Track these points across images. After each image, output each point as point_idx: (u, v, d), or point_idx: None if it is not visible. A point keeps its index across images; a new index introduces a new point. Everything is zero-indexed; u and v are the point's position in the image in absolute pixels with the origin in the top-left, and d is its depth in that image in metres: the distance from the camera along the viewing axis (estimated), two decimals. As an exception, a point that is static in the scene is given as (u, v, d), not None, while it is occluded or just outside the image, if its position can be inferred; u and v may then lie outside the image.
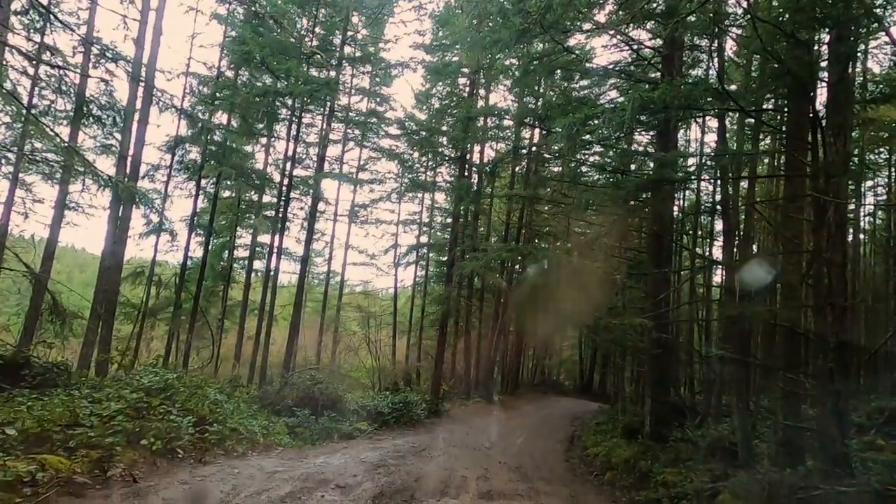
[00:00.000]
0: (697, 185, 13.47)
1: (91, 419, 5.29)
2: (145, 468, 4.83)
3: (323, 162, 16.68)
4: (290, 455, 7.04)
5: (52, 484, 3.87)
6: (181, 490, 4.50)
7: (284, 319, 18.02)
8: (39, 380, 7.09)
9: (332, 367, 15.72)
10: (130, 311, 14.57)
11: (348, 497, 5.48)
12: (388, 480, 6.43)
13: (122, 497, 4.09)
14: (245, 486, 5.02)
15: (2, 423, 4.68)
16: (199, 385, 7.97)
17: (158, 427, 5.53)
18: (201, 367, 13.88)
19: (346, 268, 19.97)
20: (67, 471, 4.17)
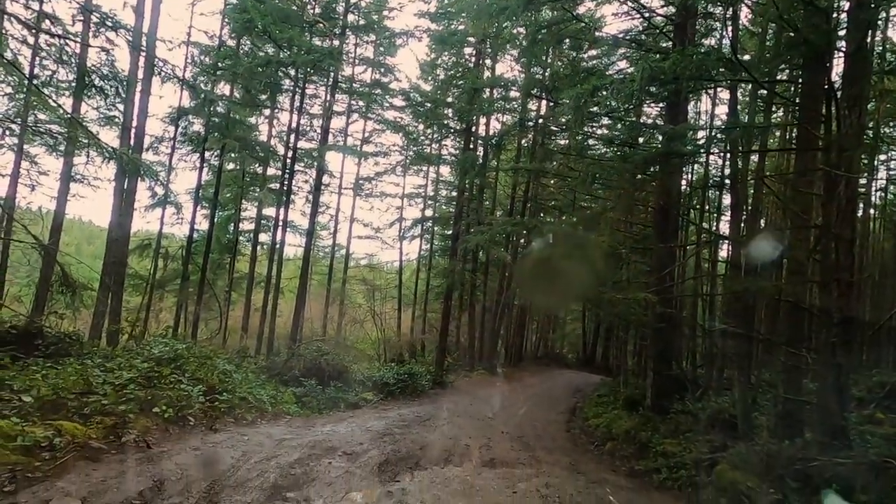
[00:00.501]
0: (706, 158, 13.24)
1: (104, 387, 5.43)
2: (158, 435, 4.98)
3: (327, 134, 16.54)
4: (298, 423, 7.22)
5: (69, 449, 4.01)
6: (193, 456, 4.65)
7: (290, 292, 18.19)
8: (53, 349, 7.25)
9: (338, 339, 15.95)
10: (139, 283, 14.74)
11: (355, 464, 5.64)
12: (393, 448, 6.60)
13: (136, 462, 4.23)
14: (255, 452, 5.17)
15: (18, 391, 4.83)
16: (208, 355, 8.12)
17: (169, 396, 5.68)
18: (210, 338, 14.11)
19: (351, 241, 20.04)
20: (83, 436, 4.31)
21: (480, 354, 17.91)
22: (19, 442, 3.82)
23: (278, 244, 16.59)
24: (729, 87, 8.75)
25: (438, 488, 5.31)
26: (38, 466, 3.69)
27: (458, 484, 5.54)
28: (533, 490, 5.53)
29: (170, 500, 3.69)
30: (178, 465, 4.31)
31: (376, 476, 5.45)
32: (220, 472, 4.42)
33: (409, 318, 20.54)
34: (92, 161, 12.79)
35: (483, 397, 13.16)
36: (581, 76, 9.12)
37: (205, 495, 3.88)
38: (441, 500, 4.75)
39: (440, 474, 5.98)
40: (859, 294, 10.87)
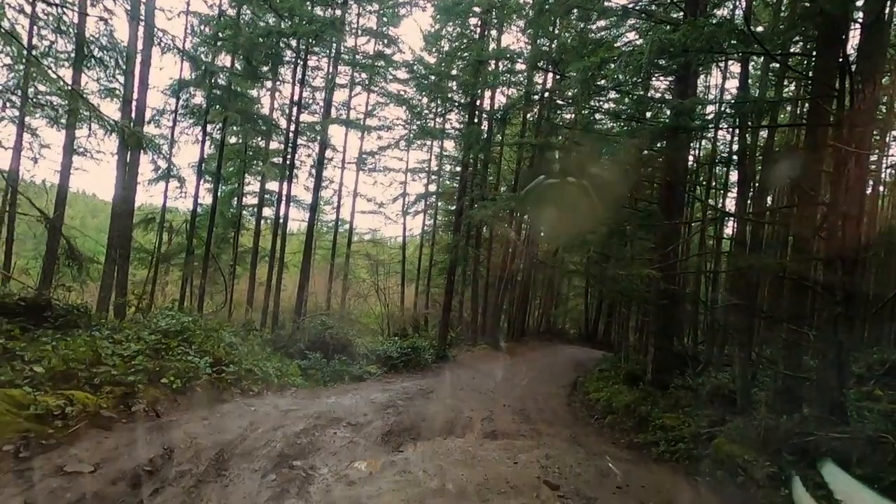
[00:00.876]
0: (714, 133, 13.05)
1: (113, 359, 5.53)
2: (167, 404, 5.09)
3: (330, 107, 16.34)
4: (304, 395, 7.36)
5: (80, 417, 4.11)
6: (202, 425, 4.76)
7: (295, 266, 18.29)
8: (61, 321, 7.35)
9: (342, 313, 16.11)
10: (144, 257, 14.85)
11: (359, 434, 5.77)
12: (396, 419, 6.73)
13: (146, 430, 4.34)
14: (261, 422, 5.29)
15: (29, 361, 4.92)
16: (215, 328, 8.23)
17: (177, 367, 5.78)
18: (215, 311, 14.28)
19: (355, 216, 20.04)
20: (94, 406, 4.41)
21: (483, 329, 18.07)
22: (32, 410, 3.91)
23: (282, 218, 16.60)
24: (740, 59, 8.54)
25: (441, 458, 5.43)
26: (51, 434, 3.79)
27: (459, 454, 5.66)
28: (533, 461, 5.65)
29: (180, 468, 3.80)
30: (187, 434, 4.42)
31: (380, 446, 5.58)
32: (229, 440, 4.54)
33: (413, 293, 20.68)
34: (94, 134, 12.77)
35: (485, 371, 13.33)
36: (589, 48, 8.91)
37: (213, 463, 3.99)
38: (443, 469, 4.86)
39: (443, 445, 6.11)
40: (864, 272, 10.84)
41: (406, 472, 4.66)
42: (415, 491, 4.09)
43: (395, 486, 4.23)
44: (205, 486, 3.66)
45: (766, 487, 5.08)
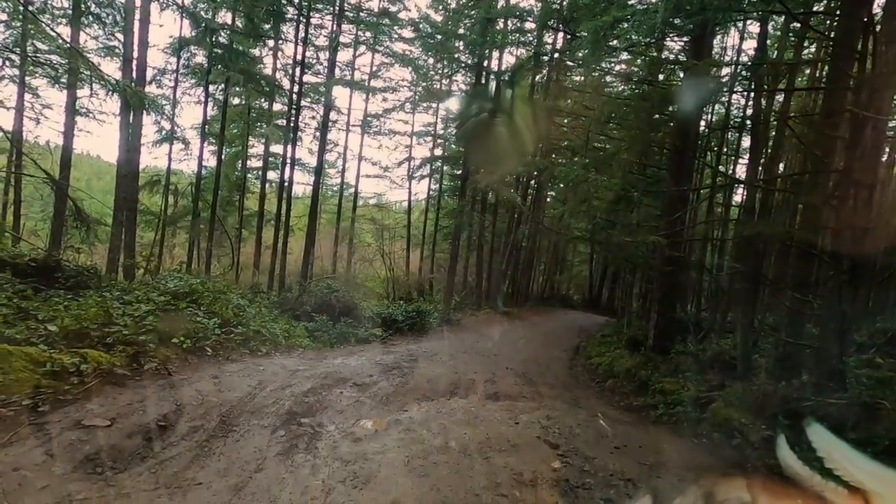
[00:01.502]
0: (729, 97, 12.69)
1: (124, 319, 5.65)
2: (178, 363, 5.23)
3: (334, 67, 15.96)
4: (311, 356, 7.53)
5: (95, 375, 4.24)
6: (212, 383, 4.91)
7: (300, 230, 18.35)
8: (72, 282, 7.48)
9: (347, 277, 16.26)
10: (151, 219, 14.93)
11: (365, 394, 5.93)
12: (401, 381, 6.90)
13: (158, 388, 4.48)
14: (270, 381, 5.44)
15: (43, 321, 5.04)
16: (222, 290, 8.35)
17: (187, 327, 5.90)
18: (222, 273, 14.45)
19: (360, 180, 19.95)
20: (108, 364, 4.54)
21: (487, 294, 18.23)
22: (48, 367, 4.03)
23: (287, 182, 16.53)
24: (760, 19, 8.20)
25: (444, 418, 5.59)
26: (67, 390, 3.92)
27: (462, 414, 5.82)
28: (534, 422, 5.81)
29: (192, 423, 3.94)
30: (198, 392, 4.56)
31: (385, 405, 5.74)
32: (238, 398, 4.68)
33: (418, 258, 20.79)
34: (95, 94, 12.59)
35: (489, 335, 13.53)
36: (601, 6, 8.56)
37: (224, 419, 4.13)
38: (447, 428, 5.01)
39: (446, 405, 6.28)
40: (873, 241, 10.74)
41: (410, 430, 4.81)
42: (419, 448, 4.24)
43: (400, 444, 4.37)
44: (216, 440, 3.80)
45: (761, 449, 5.21)
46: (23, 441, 3.15)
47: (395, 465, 3.80)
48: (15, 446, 3.08)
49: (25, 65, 14.18)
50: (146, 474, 3.13)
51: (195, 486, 3.13)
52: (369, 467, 3.70)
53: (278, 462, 3.63)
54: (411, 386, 6.78)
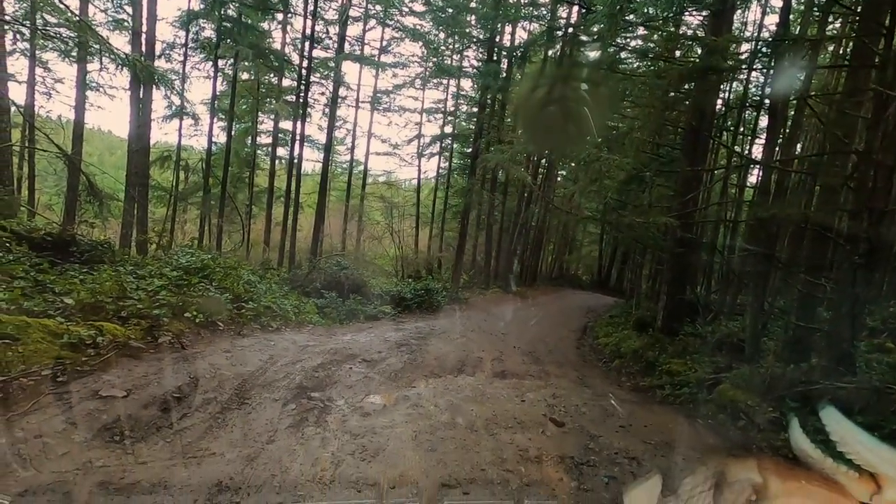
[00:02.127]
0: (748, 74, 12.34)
1: (138, 293, 5.75)
2: (191, 337, 5.33)
3: (343, 42, 15.74)
4: (321, 332, 7.63)
5: (111, 347, 4.34)
6: (224, 357, 5.00)
7: (310, 207, 18.39)
8: (86, 256, 7.60)
9: (357, 255, 16.34)
10: (162, 195, 15.04)
11: (374, 370, 6.02)
12: (410, 357, 6.99)
13: (173, 360, 4.58)
14: (281, 356, 5.53)
15: (60, 294, 5.14)
16: (233, 266, 8.44)
17: (199, 302, 5.99)
18: (233, 249, 14.59)
19: (369, 157, 19.84)
20: (123, 336, 4.64)
21: (496, 273, 18.25)
22: (66, 339, 4.13)
23: (296, 158, 16.50)
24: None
25: (452, 394, 5.67)
26: (84, 361, 4.03)
27: (470, 391, 5.90)
28: (541, 400, 5.87)
29: (205, 395, 4.04)
30: (211, 365, 4.66)
31: (394, 381, 5.83)
32: (250, 372, 4.78)
33: (427, 236, 20.80)
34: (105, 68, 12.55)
35: (497, 314, 13.60)
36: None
37: (236, 392, 4.22)
38: (454, 404, 5.08)
39: (454, 382, 6.36)
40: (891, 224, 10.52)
41: (418, 406, 4.89)
42: (426, 423, 4.31)
43: (408, 419, 4.45)
44: (229, 412, 3.89)
45: (767, 431, 5.23)
46: (43, 409, 3.25)
47: (403, 440, 3.87)
48: (36, 414, 3.18)
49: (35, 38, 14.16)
50: (162, 443, 3.23)
51: (209, 455, 3.22)
52: (378, 441, 3.78)
53: (289, 434, 3.72)
54: (419, 363, 6.86)
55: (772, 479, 0.69)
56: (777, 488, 0.68)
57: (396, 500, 2.23)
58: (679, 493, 0.77)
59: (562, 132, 8.11)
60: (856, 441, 0.65)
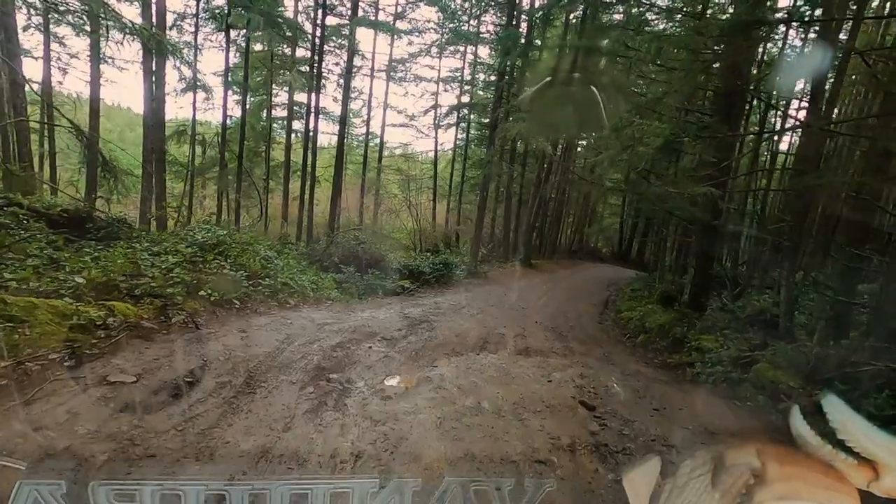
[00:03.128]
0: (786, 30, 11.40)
1: (152, 270, 5.53)
2: (205, 316, 5.11)
3: (357, 7, 15.04)
4: (339, 309, 7.40)
5: (122, 328, 4.12)
6: (239, 337, 4.77)
7: (326, 181, 18.08)
8: (103, 233, 7.44)
9: (374, 229, 16.05)
10: (180, 170, 14.84)
11: (394, 349, 5.76)
12: (430, 335, 6.72)
13: (185, 342, 4.36)
14: (298, 335, 5.29)
15: (71, 272, 4.94)
16: (250, 242, 8.21)
17: (214, 280, 5.76)
18: (251, 224, 14.41)
19: (386, 129, 19.28)
20: (135, 317, 4.42)
21: (515, 246, 17.83)
22: (75, 321, 3.92)
23: (311, 131, 16.08)
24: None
25: (475, 375, 5.39)
26: (94, 344, 3.81)
27: (494, 371, 5.61)
28: (568, 380, 5.56)
29: (219, 379, 3.81)
30: (225, 346, 4.43)
31: (415, 361, 5.57)
32: (266, 353, 4.54)
33: (444, 210, 20.37)
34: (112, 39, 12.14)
35: (517, 288, 13.26)
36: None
37: (252, 375, 3.99)
38: (478, 386, 4.80)
39: (476, 361, 6.09)
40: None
41: (441, 388, 4.62)
42: (451, 409, 4.03)
43: (431, 403, 4.18)
44: (243, 397, 3.66)
45: (812, 415, 4.86)
46: (47, 397, 3.04)
47: (427, 427, 3.61)
48: (39, 403, 2.97)
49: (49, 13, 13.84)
50: (173, 433, 3.00)
51: (223, 444, 2.99)
52: (400, 429, 3.51)
53: (307, 421, 3.47)
54: (440, 340, 6.59)
55: (771, 463, 0.68)
56: (775, 473, 0.67)
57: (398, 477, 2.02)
58: (677, 476, 0.76)
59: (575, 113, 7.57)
60: (855, 428, 0.63)
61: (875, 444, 0.62)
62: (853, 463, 0.64)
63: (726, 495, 0.68)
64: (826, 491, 0.64)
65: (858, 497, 0.65)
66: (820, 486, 0.64)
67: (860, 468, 0.64)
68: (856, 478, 0.65)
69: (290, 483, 1.34)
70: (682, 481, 0.74)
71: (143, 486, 1.26)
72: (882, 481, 0.63)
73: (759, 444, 0.70)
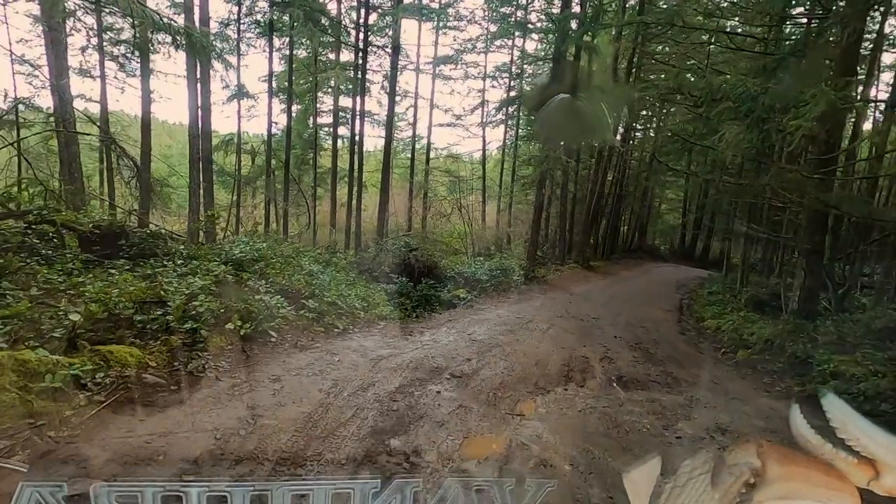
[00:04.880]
0: None
1: (175, 296, 4.36)
2: (231, 357, 3.85)
3: (400, 1, 13.72)
4: (394, 331, 6.04)
5: (113, 388, 2.90)
6: (271, 391, 3.47)
7: (374, 186, 16.99)
8: (135, 250, 6.44)
9: (424, 234, 14.74)
10: (227, 180, 14.07)
11: (467, 390, 4.34)
12: (505, 365, 5.25)
13: (197, 405, 3.07)
14: (347, 379, 3.96)
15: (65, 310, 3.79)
16: (293, 255, 7.03)
17: (247, 307, 4.52)
18: (300, 233, 13.44)
19: (432, 130, 17.88)
20: (136, 365, 3.21)
21: (570, 247, 16.06)
22: (48, 382, 2.72)
23: (357, 135, 14.96)
24: None
25: (575, 426, 3.92)
26: (66, 418, 2.60)
27: (598, 420, 4.11)
28: (700, 431, 3.98)
29: (235, 469, 2.50)
30: (250, 409, 3.13)
31: (494, 407, 4.13)
32: (305, 415, 3.21)
33: (494, 210, 18.81)
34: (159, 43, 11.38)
35: (580, 294, 11.57)
36: None
37: (283, 460, 2.65)
38: (591, 455, 3.31)
39: (567, 401, 4.60)
40: None
41: (543, 461, 3.16)
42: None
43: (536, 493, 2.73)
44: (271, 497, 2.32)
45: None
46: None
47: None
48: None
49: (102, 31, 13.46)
50: None
51: None
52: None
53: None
54: (518, 372, 5.12)
55: (770, 463, 0.64)
56: (775, 473, 0.63)
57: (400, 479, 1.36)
58: (678, 475, 0.72)
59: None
60: (855, 427, 0.62)
61: (875, 442, 0.61)
62: (853, 462, 0.62)
63: (726, 495, 0.66)
64: (826, 490, 0.62)
65: (859, 496, 0.63)
66: (820, 485, 0.62)
67: (860, 467, 0.62)
68: (856, 476, 0.63)
69: (291, 484, 1.24)
70: (683, 481, 0.71)
71: (145, 488, 1.13)
72: (882, 480, 0.61)
73: (759, 444, 0.67)
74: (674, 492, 0.70)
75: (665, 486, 0.72)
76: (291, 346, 4.47)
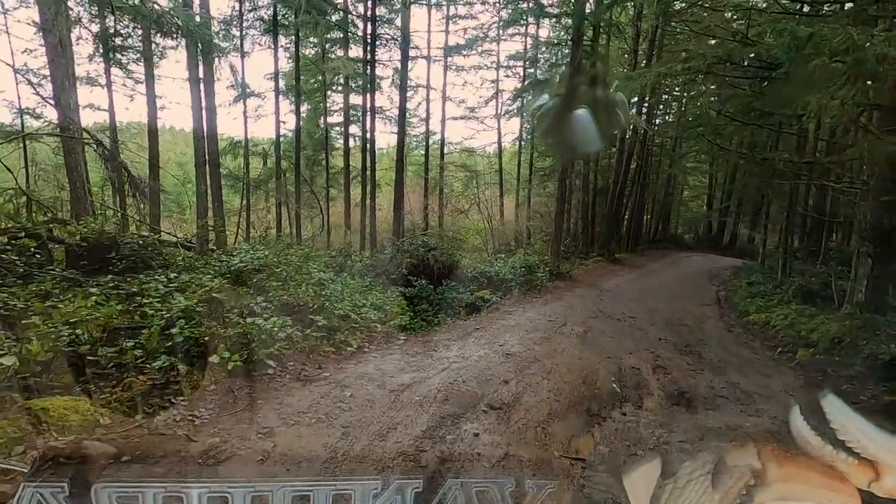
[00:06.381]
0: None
1: (154, 321, 3.49)
2: (214, 402, 2.96)
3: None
4: (415, 347, 5.09)
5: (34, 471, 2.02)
6: (261, 449, 2.54)
7: (387, 185, 16.07)
8: (125, 263, 5.63)
9: (441, 232, 13.77)
10: (236, 184, 13.29)
11: (510, 427, 3.38)
12: (550, 387, 4.28)
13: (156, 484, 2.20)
14: (361, 423, 3.02)
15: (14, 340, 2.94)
16: (302, 262, 6.14)
17: (239, 331, 3.63)
18: (313, 236, 12.60)
19: (446, 124, 16.83)
20: (81, 426, 2.33)
21: (593, 239, 14.96)
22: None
23: (369, 132, 14.04)
24: None
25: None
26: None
27: (678, 462, 3.14)
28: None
29: None
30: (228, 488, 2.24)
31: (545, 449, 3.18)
32: (303, 489, 2.30)
33: (512, 205, 17.73)
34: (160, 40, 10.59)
35: (610, 290, 10.51)
36: None
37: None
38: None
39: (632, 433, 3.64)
40: None
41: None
42: None
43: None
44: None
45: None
46: None
47: None
48: None
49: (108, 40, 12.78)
50: None
51: None
52: None
53: None
54: (566, 395, 4.16)
55: (771, 465, 0.62)
56: (776, 474, 0.62)
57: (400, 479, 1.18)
58: (678, 477, 0.68)
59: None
60: (855, 429, 0.60)
61: (875, 444, 0.60)
62: (854, 463, 0.61)
63: (727, 496, 0.65)
64: (827, 491, 0.62)
65: (859, 497, 0.62)
66: (821, 487, 0.62)
67: (861, 468, 0.61)
68: (856, 478, 0.62)
69: (292, 485, 1.19)
70: (683, 482, 0.68)
71: (147, 489, 1.11)
72: (883, 481, 0.61)
73: (759, 445, 0.66)
74: (674, 493, 0.66)
75: (665, 488, 0.67)
76: (293, 379, 3.54)
